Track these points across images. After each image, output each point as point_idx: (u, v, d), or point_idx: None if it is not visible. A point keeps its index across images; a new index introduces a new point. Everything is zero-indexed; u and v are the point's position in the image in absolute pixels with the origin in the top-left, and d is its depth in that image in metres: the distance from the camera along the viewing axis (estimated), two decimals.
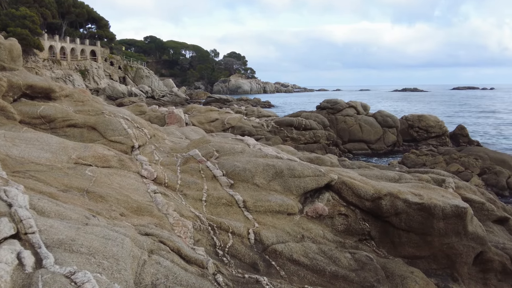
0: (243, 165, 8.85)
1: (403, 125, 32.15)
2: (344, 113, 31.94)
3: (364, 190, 8.64)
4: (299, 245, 7.39)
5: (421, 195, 8.67)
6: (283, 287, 6.04)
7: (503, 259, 9.04)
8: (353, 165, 13.04)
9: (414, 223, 8.39)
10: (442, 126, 32.12)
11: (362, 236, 8.52)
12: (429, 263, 8.35)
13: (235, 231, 7.26)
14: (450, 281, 8.19)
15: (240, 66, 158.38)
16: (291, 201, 8.33)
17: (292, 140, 27.31)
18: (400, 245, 8.45)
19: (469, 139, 31.68)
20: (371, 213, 8.66)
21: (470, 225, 8.56)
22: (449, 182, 10.45)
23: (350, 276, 7.05)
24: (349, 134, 30.69)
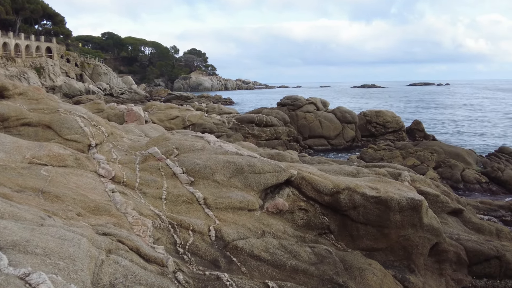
0: (203, 162, 8.83)
1: (361, 121, 32.77)
2: (304, 109, 32.28)
3: (323, 185, 8.77)
4: (260, 241, 7.44)
5: (378, 189, 8.87)
6: (244, 283, 6.07)
7: (458, 250, 9.37)
8: (313, 160, 13.21)
9: (371, 216, 8.59)
10: (398, 122, 32.93)
11: (321, 230, 8.66)
12: (386, 255, 8.57)
13: (196, 228, 7.24)
14: (407, 272, 8.43)
15: (201, 63, 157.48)
16: (251, 197, 8.37)
17: (253, 137, 27.39)
18: (358, 238, 8.63)
19: (425, 133, 32.59)
20: (330, 207, 8.81)
21: (426, 217, 8.82)
22: (405, 175, 10.74)
23: (310, 270, 7.16)
24: (309, 130, 31.04)
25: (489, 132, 39.95)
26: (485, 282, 9.54)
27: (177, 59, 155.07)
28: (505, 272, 9.52)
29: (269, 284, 6.26)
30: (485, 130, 41.73)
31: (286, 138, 28.43)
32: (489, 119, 51.06)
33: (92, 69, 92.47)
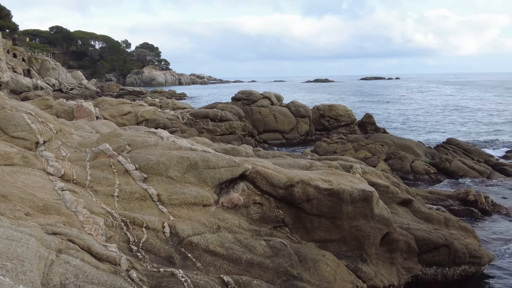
0: (156, 158, 8.71)
1: (315, 115, 33.21)
2: (259, 104, 32.40)
3: (278, 179, 8.84)
4: (215, 236, 7.43)
5: (330, 181, 9.03)
6: (199, 278, 6.06)
7: (408, 239, 9.67)
8: (267, 154, 13.29)
9: (324, 208, 8.74)
10: (351, 115, 33.58)
11: (276, 223, 8.74)
12: (339, 245, 8.75)
13: (150, 225, 7.15)
14: (360, 261, 8.64)
15: (153, 58, 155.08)
16: (206, 192, 8.34)
17: (208, 132, 27.26)
18: (312, 230, 8.76)
19: (376, 126, 33.40)
20: (284, 201, 8.89)
21: (376, 207, 9.06)
22: (356, 167, 10.98)
23: (265, 263, 7.22)
24: (264, 124, 31.19)
25: (437, 124, 41.37)
26: (434, 270, 9.91)
27: (129, 54, 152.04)
28: (454, 260, 9.91)
29: (224, 278, 6.27)
30: (432, 122, 43.18)
31: (241, 133, 28.46)
32: (436, 112, 52.88)
33: (40, 64, 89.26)
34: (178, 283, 5.83)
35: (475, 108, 57.25)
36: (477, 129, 37.15)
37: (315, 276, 7.41)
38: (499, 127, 37.88)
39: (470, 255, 9.98)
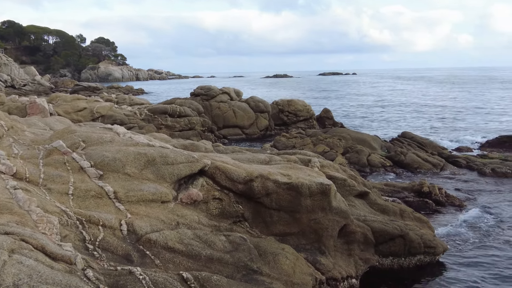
0: (112, 154, 8.54)
1: (274, 110, 33.39)
2: (218, 99, 32.28)
3: (237, 174, 8.84)
4: (174, 232, 7.36)
5: (289, 175, 9.10)
6: (157, 275, 5.98)
7: (365, 230, 9.88)
8: (226, 150, 13.26)
9: (283, 202, 8.80)
10: (309, 110, 33.95)
11: (236, 218, 8.74)
12: (298, 238, 8.84)
13: (106, 223, 7.01)
14: (318, 254, 8.76)
15: (109, 52, 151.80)
16: (164, 188, 8.24)
17: (166, 128, 26.96)
18: (272, 224, 8.82)
19: (333, 121, 33.91)
20: (244, 196, 8.90)
21: (334, 200, 9.20)
22: (315, 161, 11.11)
23: (225, 258, 7.21)
24: (223, 120, 31.12)
25: (392, 118, 42.38)
26: (391, 260, 10.17)
27: (84, 49, 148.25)
28: (409, 250, 10.20)
29: (183, 275, 6.22)
30: (388, 116, 44.21)
31: (200, 129, 28.29)
32: (391, 106, 54.15)
33: None
34: (136, 281, 5.74)
35: (427, 102, 58.96)
36: (430, 123, 38.28)
37: (274, 270, 7.46)
38: (450, 121, 39.18)
39: (425, 245, 10.29)
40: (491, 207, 14.57)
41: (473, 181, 18.19)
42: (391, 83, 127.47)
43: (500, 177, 18.61)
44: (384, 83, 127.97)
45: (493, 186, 17.33)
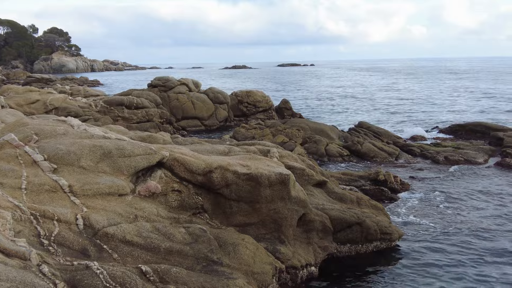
0: (67, 147, 8.31)
1: (233, 101, 33.31)
2: (176, 90, 31.91)
3: (196, 165, 8.78)
4: (132, 226, 7.26)
5: (248, 166, 9.12)
6: (115, 269, 5.89)
7: (323, 219, 10.03)
8: (185, 141, 13.14)
9: (243, 193, 8.82)
10: (268, 101, 34.07)
11: (196, 210, 8.69)
12: (258, 228, 8.88)
13: (61, 218, 6.83)
14: (278, 243, 8.84)
15: (63, 43, 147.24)
16: (122, 181, 8.10)
17: (123, 120, 26.46)
18: (231, 214, 8.82)
19: (292, 112, 34.15)
20: (203, 187, 8.86)
21: (293, 190, 9.28)
22: (274, 152, 11.16)
23: (185, 250, 7.17)
24: (182, 111, 30.81)
25: (349, 108, 43.10)
26: (348, 247, 10.38)
27: (36, 39, 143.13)
28: (366, 237, 10.43)
29: (142, 268, 6.15)
30: (345, 106, 44.92)
31: (158, 120, 27.91)
32: (348, 96, 55.05)
33: None
34: (93, 275, 5.64)
35: (383, 92, 60.27)
36: (386, 112, 39.17)
37: (235, 260, 7.48)
38: (405, 110, 40.20)
39: (381, 231, 10.55)
40: (444, 193, 15.08)
41: (427, 169, 18.76)
42: (348, 74, 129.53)
43: (452, 164, 19.27)
44: (341, 74, 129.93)
45: (446, 173, 17.92)
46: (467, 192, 15.26)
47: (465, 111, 39.22)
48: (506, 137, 22.22)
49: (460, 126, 27.45)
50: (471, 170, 18.29)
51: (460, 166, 18.99)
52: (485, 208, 13.59)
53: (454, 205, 13.88)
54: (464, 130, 26.69)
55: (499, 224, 12.18)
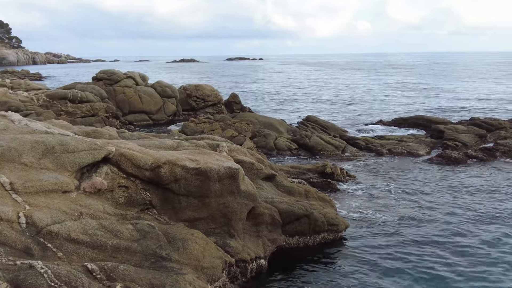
0: (7, 143, 7.97)
1: (181, 95, 32.99)
2: (122, 84, 31.23)
3: (144, 160, 8.65)
4: (77, 223, 7.08)
5: (197, 161, 9.08)
6: (60, 268, 5.74)
7: (272, 212, 10.15)
8: (132, 136, 12.91)
9: (192, 188, 8.78)
10: (217, 95, 33.97)
11: (144, 206, 8.58)
12: (208, 223, 8.88)
13: (2, 216, 6.56)
14: (228, 237, 8.88)
15: (3, 35, 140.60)
16: (66, 178, 7.87)
17: (67, 114, 25.65)
18: (180, 210, 8.77)
19: (241, 106, 34.22)
20: (151, 182, 8.75)
21: (242, 184, 9.34)
22: (223, 146, 11.17)
23: (133, 247, 7.07)
24: (129, 105, 30.20)
25: (297, 102, 43.64)
26: (297, 239, 10.57)
27: None
28: (314, 229, 10.65)
29: (88, 266, 6.02)
30: (293, 100, 45.46)
31: (104, 115, 27.25)
32: (296, 90, 55.73)
33: None
34: (37, 275, 5.47)
35: (330, 86, 61.43)
36: (333, 106, 39.96)
37: (184, 255, 7.46)
38: (351, 104, 41.16)
39: (328, 223, 10.81)
40: (387, 185, 15.61)
41: (371, 161, 19.33)
42: (296, 68, 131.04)
43: (396, 156, 19.96)
44: (290, 68, 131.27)
45: (389, 165, 18.54)
46: (410, 183, 15.86)
47: (407, 104, 40.61)
48: (447, 130, 23.22)
49: (403, 120, 28.46)
50: (414, 162, 19.02)
51: (403, 158, 19.70)
52: (426, 198, 14.17)
53: (397, 196, 14.39)
54: (407, 123, 27.71)
55: (439, 213, 12.75)
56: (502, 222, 12.07)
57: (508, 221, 12.16)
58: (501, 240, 10.89)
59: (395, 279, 9.05)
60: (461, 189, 15.05)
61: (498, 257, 9.99)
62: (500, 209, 13.10)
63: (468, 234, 11.26)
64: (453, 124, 25.29)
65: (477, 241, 10.86)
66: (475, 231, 11.44)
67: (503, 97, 45.05)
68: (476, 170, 17.53)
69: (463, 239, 10.95)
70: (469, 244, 10.68)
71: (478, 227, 11.75)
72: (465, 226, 11.81)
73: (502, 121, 25.33)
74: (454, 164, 18.51)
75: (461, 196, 14.32)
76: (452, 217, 12.43)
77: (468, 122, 25.52)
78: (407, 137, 23.15)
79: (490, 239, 10.93)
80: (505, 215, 12.60)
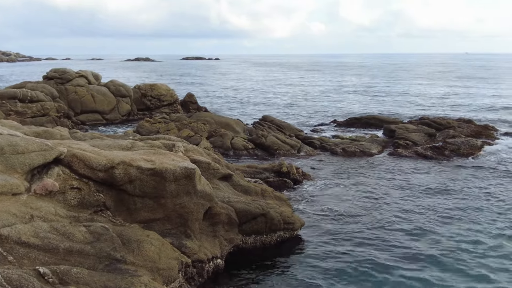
0: None
1: (136, 94, 32.50)
2: (74, 83, 30.46)
3: (97, 161, 8.48)
4: (28, 226, 6.87)
5: (153, 161, 8.98)
6: (11, 272, 5.57)
7: (229, 211, 10.16)
8: (85, 136, 12.63)
9: (148, 188, 8.68)
10: (173, 94, 33.66)
11: (97, 208, 8.41)
12: (164, 224, 8.80)
13: None
14: (184, 238, 8.83)
15: None
16: (15, 180, 7.62)
17: (16, 114, 24.79)
18: (136, 211, 8.65)
19: (198, 105, 34.06)
20: (105, 184, 8.58)
21: (199, 184, 9.31)
22: (179, 146, 11.10)
23: (86, 249, 6.93)
24: (81, 105, 29.50)
25: (253, 102, 43.83)
26: (253, 238, 10.63)
27: None
28: (270, 227, 10.75)
29: (40, 270, 5.86)
30: (249, 100, 45.62)
31: (55, 115, 26.49)
32: (253, 90, 55.96)
33: None
34: None
35: (287, 86, 62.02)
36: (289, 106, 40.36)
37: (139, 257, 7.37)
38: (306, 104, 41.71)
39: (284, 221, 10.93)
40: (342, 183, 15.94)
41: (326, 160, 19.68)
42: (252, 68, 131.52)
43: (349, 155, 20.39)
44: (246, 68, 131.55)
45: (343, 164, 18.92)
46: (363, 181, 16.25)
47: (361, 104, 41.55)
48: (398, 129, 23.93)
49: (356, 119, 29.11)
50: (367, 160, 19.49)
51: (356, 157, 20.15)
52: (379, 195, 14.56)
53: (351, 194, 14.72)
54: (360, 123, 28.36)
55: (392, 210, 13.13)
56: (452, 218, 12.55)
57: (455, 216, 12.66)
58: (452, 237, 11.33)
59: (349, 275, 9.28)
60: (412, 187, 15.56)
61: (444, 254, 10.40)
62: (448, 204, 13.63)
63: (419, 231, 11.66)
64: (404, 123, 26.11)
65: (430, 236, 11.26)
66: (426, 227, 11.85)
67: (450, 96, 46.80)
68: (426, 168, 18.15)
69: (414, 236, 11.34)
70: (419, 239, 11.06)
71: (430, 223, 12.17)
72: (415, 223, 12.21)
73: (451, 120, 26.36)
74: (405, 162, 19.08)
75: (412, 193, 14.81)
76: (404, 214, 12.84)
77: (418, 122, 26.40)
78: (360, 137, 23.71)
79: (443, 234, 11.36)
80: (454, 211, 13.12)
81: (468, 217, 12.61)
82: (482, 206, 13.45)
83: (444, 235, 11.35)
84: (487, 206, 13.48)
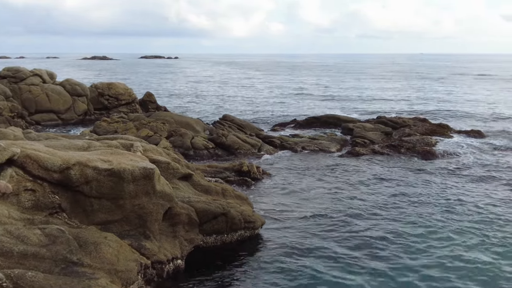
0: None
1: (93, 94, 31.79)
2: (28, 82, 29.53)
3: (51, 162, 8.25)
4: None
5: (110, 161, 8.82)
6: None
7: (189, 211, 10.09)
8: (39, 137, 12.26)
9: (105, 189, 8.51)
10: (131, 94, 33.12)
11: (52, 210, 8.18)
12: (122, 225, 8.66)
13: None
14: (143, 239, 8.71)
15: None
16: None
17: None
18: (92, 212, 8.47)
19: (157, 105, 33.62)
20: (60, 185, 8.36)
21: (158, 184, 9.20)
22: (137, 146, 10.94)
23: (41, 252, 6.74)
24: (35, 104, 28.63)
25: (213, 101, 43.71)
26: (214, 238, 10.60)
27: None
28: (231, 226, 10.75)
29: None
30: (209, 99, 45.47)
31: (8, 114, 25.60)
32: (212, 90, 55.80)
33: None
34: None
35: (246, 85, 62.15)
36: (249, 105, 40.46)
37: (96, 259, 7.22)
38: (267, 103, 41.94)
39: (245, 220, 10.95)
40: (301, 181, 16.12)
41: (286, 158, 19.86)
42: (211, 67, 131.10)
43: (309, 154, 20.65)
44: (206, 67, 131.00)
45: (303, 162, 19.13)
46: (322, 179, 16.48)
47: (320, 103, 42.10)
48: (355, 128, 24.40)
49: (316, 119, 29.46)
50: (326, 159, 19.77)
51: (316, 155, 20.42)
52: (337, 192, 14.80)
53: (311, 191, 14.91)
54: (319, 122, 28.72)
55: (349, 207, 13.36)
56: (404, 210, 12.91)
57: (407, 208, 13.02)
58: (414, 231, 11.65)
59: (309, 273, 9.37)
60: (369, 183, 15.92)
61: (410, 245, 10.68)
62: (403, 199, 14.01)
63: (375, 225, 11.92)
64: (361, 122, 26.64)
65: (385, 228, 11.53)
66: (382, 221, 12.12)
67: (406, 95, 48.06)
68: (383, 165, 18.57)
69: (372, 230, 11.58)
70: (379, 235, 11.31)
71: (386, 216, 12.46)
72: (373, 217, 12.48)
73: (406, 119, 27.10)
74: (363, 160, 19.47)
75: (369, 190, 15.13)
76: (362, 209, 13.10)
77: (375, 121, 27.02)
78: (319, 136, 24.02)
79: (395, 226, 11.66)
80: (407, 204, 13.49)
81: (418, 208, 13.13)
82: (435, 201, 13.93)
83: (396, 227, 11.65)
84: (442, 201, 13.95)
